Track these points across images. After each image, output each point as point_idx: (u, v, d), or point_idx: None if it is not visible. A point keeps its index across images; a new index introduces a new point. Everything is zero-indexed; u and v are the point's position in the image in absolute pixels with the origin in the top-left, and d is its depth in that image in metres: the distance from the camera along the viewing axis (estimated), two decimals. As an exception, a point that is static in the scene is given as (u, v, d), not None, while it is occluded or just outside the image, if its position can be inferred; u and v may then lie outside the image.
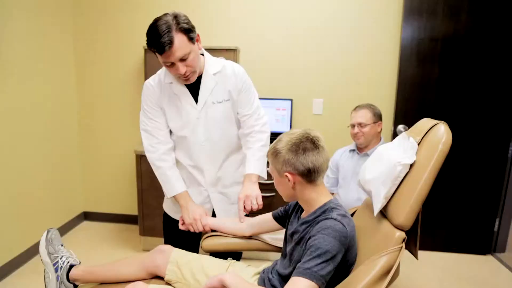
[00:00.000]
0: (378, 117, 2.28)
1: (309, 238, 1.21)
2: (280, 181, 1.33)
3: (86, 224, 3.61)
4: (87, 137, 3.53)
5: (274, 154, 1.31)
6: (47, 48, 3.02)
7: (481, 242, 3.10)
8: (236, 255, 1.86)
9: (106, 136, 3.51)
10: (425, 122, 1.39)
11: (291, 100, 3.12)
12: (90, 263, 1.67)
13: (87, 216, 3.67)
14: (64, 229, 3.33)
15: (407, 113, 2.99)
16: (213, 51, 2.05)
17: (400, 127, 2.98)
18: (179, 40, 1.48)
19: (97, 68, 3.39)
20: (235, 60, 3.04)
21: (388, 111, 3.10)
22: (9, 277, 2.66)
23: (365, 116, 2.25)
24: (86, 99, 3.45)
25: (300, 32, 3.14)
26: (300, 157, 1.24)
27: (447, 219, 3.10)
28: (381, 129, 2.30)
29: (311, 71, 3.19)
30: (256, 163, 1.75)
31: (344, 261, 1.24)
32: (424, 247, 3.15)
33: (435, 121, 1.34)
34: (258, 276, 1.52)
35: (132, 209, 3.59)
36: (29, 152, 2.87)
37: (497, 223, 3.09)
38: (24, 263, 2.83)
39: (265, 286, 1.41)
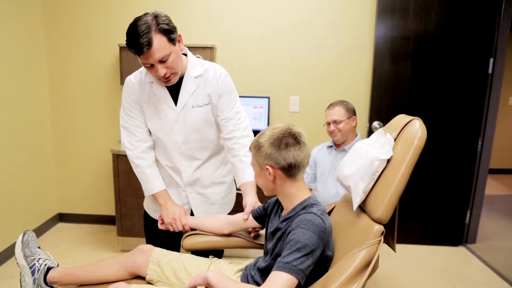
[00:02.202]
0: (351, 112, 2.33)
1: (290, 232, 1.22)
2: (261, 174, 1.34)
3: (61, 225, 3.52)
4: (62, 137, 3.44)
5: (256, 147, 1.31)
6: (18, 48, 2.93)
7: (453, 234, 3.21)
8: (217, 253, 1.86)
9: (81, 136, 3.43)
10: (401, 118, 1.43)
11: (268, 98, 3.14)
12: (67, 266, 1.63)
13: (62, 217, 3.58)
14: (38, 232, 3.23)
15: (381, 109, 3.06)
16: (189, 49, 2.02)
17: (375, 123, 3.05)
18: (158, 41, 1.43)
19: (71, 66, 3.31)
20: (212, 58, 3.03)
21: (363, 108, 3.16)
22: (-20, 283, 2.58)
23: (338, 113, 2.30)
24: (60, 98, 3.37)
25: (276, 31, 3.16)
26: (282, 151, 1.26)
27: (420, 213, 3.19)
28: (356, 124, 2.36)
29: (288, 69, 3.21)
30: (249, 170, 1.69)
31: (322, 257, 1.26)
32: (398, 241, 3.24)
33: (410, 117, 1.38)
34: (241, 273, 1.52)
35: (108, 209, 3.53)
36: (1, 152, 2.78)
37: (468, 215, 3.21)
38: (-3, 268, 2.75)
39: (248, 282, 1.42)
